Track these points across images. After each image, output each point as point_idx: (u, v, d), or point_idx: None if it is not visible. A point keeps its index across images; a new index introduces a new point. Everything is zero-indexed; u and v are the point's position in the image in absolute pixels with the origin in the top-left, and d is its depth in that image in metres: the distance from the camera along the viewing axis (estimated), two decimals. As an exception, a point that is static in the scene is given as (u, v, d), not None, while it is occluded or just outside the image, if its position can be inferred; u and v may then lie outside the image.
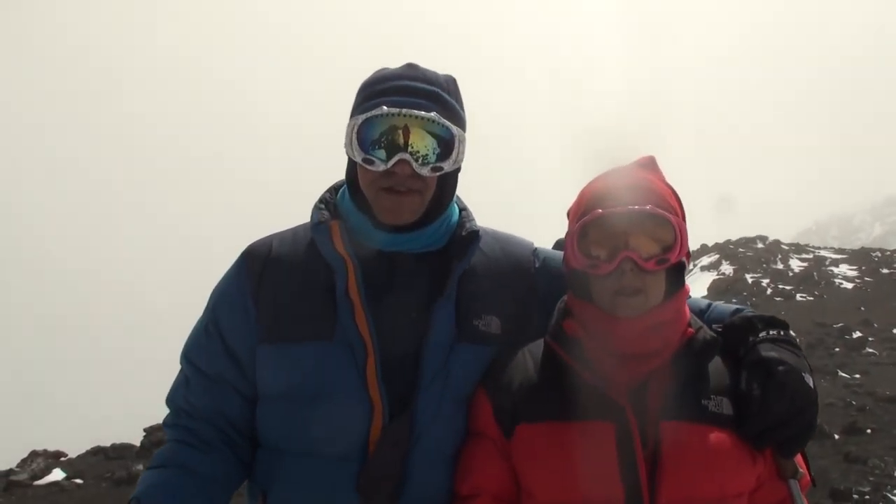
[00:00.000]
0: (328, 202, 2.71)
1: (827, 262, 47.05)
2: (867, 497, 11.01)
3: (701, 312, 2.67)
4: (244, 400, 2.61)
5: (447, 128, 2.47)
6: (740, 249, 51.76)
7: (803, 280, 41.15)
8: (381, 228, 2.55)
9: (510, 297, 2.69)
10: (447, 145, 2.48)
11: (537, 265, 2.80)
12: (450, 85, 2.60)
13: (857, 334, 27.28)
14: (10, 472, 15.30)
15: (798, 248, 53.88)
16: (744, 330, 2.47)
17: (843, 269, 44.84)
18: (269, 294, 2.58)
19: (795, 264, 46.73)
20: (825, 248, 55.81)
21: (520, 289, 2.73)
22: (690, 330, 2.44)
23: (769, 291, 39.14)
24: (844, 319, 29.34)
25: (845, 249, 55.21)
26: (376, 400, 2.41)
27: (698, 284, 41.96)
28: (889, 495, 11.08)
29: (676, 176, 2.60)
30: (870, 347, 25.48)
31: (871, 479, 11.71)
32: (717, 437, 2.28)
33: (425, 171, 2.44)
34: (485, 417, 2.46)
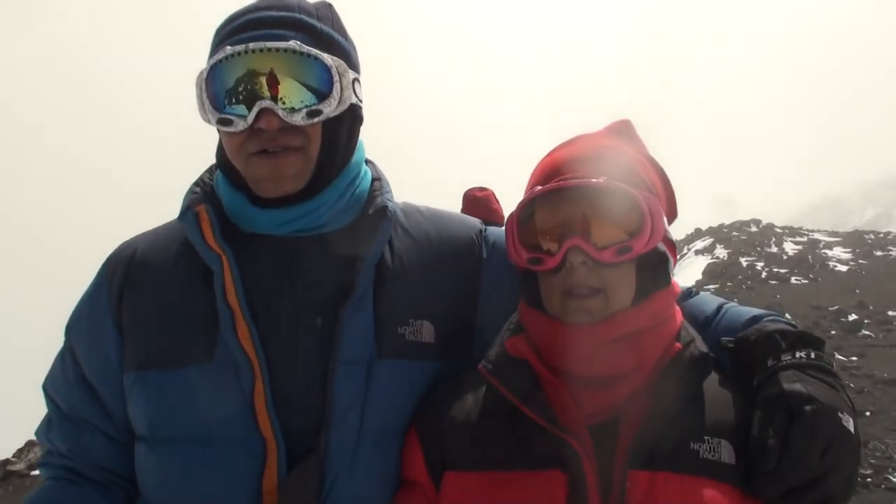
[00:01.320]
0: (205, 183, 2.14)
1: (821, 245, 47.17)
2: (869, 479, 10.96)
3: (707, 321, 2.01)
4: (113, 444, 2.07)
5: (318, 58, 1.88)
6: (734, 233, 51.87)
7: (798, 263, 41.15)
8: (259, 205, 1.99)
9: (447, 293, 2.11)
10: (324, 81, 1.90)
11: (486, 251, 2.19)
12: (320, 9, 2.01)
13: (852, 317, 27.29)
14: (6, 461, 15.23)
15: (792, 231, 53.95)
16: (761, 348, 1.81)
17: (837, 251, 44.96)
18: (134, 309, 2.03)
19: (790, 247, 46.76)
20: (819, 231, 55.90)
21: (461, 284, 2.14)
22: (677, 345, 1.84)
23: (764, 275, 39.13)
24: (840, 302, 29.40)
25: (839, 232, 55.48)
26: (269, 438, 1.84)
27: (692, 269, 42.10)
28: (891, 477, 11.04)
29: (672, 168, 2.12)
30: (866, 330, 25.49)
31: (871, 461, 11.65)
32: (710, 495, 1.68)
33: (299, 119, 1.86)
34: (416, 464, 1.93)
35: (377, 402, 1.94)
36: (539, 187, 1.88)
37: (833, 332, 25.11)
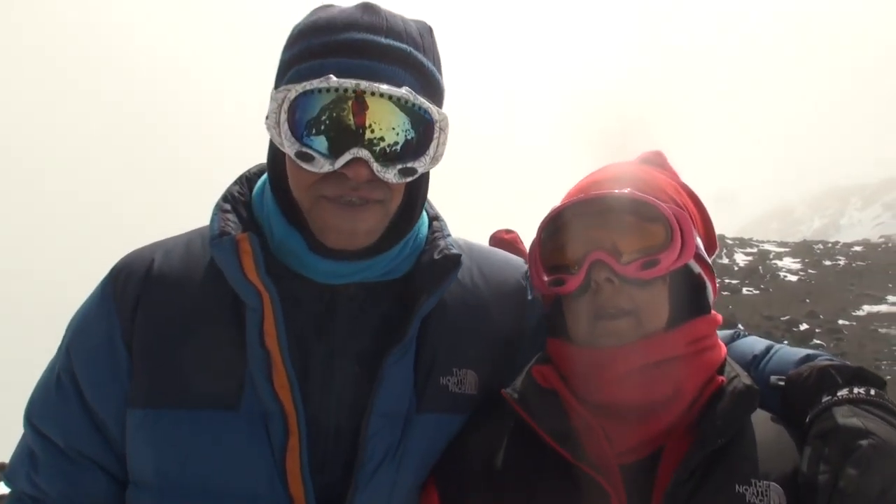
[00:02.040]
0: (238, 201, 1.85)
1: (771, 256, 47.94)
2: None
3: (755, 360, 1.83)
4: (115, 486, 1.82)
5: (425, 110, 1.65)
6: (686, 245, 52.26)
7: (749, 274, 41.81)
8: (320, 253, 1.75)
9: (493, 341, 1.91)
10: (423, 134, 1.67)
11: (531, 293, 2.00)
12: (424, 38, 1.75)
13: (803, 326, 27.78)
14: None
15: (742, 243, 54.71)
16: (815, 385, 1.64)
17: (787, 261, 45.79)
18: (148, 335, 1.77)
19: (740, 258, 47.43)
20: (768, 242, 56.81)
21: (506, 329, 1.94)
22: (720, 378, 1.67)
23: (716, 286, 39.59)
24: (791, 312, 29.89)
25: (788, 243, 56.42)
26: (298, 498, 1.67)
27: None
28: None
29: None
30: (817, 339, 25.96)
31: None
32: None
33: (391, 176, 1.62)
34: None
35: (412, 459, 1.75)
36: (559, 205, 1.75)
37: (785, 342, 25.26)
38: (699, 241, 1.74)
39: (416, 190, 1.78)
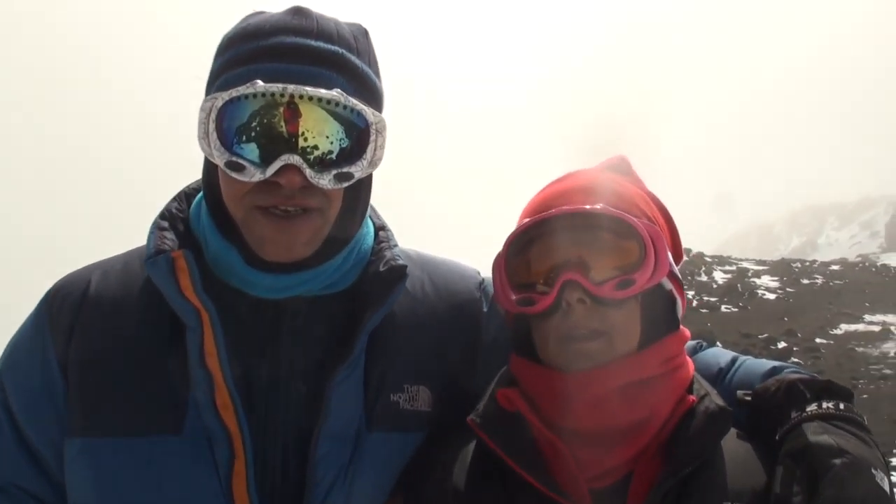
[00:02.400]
0: (176, 218, 1.78)
1: (749, 274, 48.29)
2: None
3: (720, 373, 1.78)
4: None
5: (359, 112, 1.59)
6: (665, 262, 52.67)
7: (727, 292, 42.07)
8: (256, 266, 1.68)
9: (446, 355, 1.85)
10: (359, 138, 1.61)
11: (486, 304, 1.94)
12: (359, 41, 1.70)
13: (781, 344, 27.98)
14: None
15: (721, 260, 55.09)
16: (783, 400, 1.60)
17: (766, 279, 46.13)
18: (84, 361, 1.69)
19: (719, 276, 47.71)
20: (747, 260, 57.29)
21: (461, 342, 1.88)
22: (691, 397, 1.63)
23: (695, 304, 39.78)
24: (769, 330, 30.11)
25: (766, 261, 56.89)
26: None
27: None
28: None
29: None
30: (794, 357, 26.12)
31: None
32: None
33: (326, 182, 1.56)
34: None
35: (364, 480, 1.69)
36: (528, 220, 1.68)
37: (763, 361, 25.73)
38: (669, 256, 1.69)
39: (356, 196, 1.72)
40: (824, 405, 1.55)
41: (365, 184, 1.73)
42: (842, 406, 1.55)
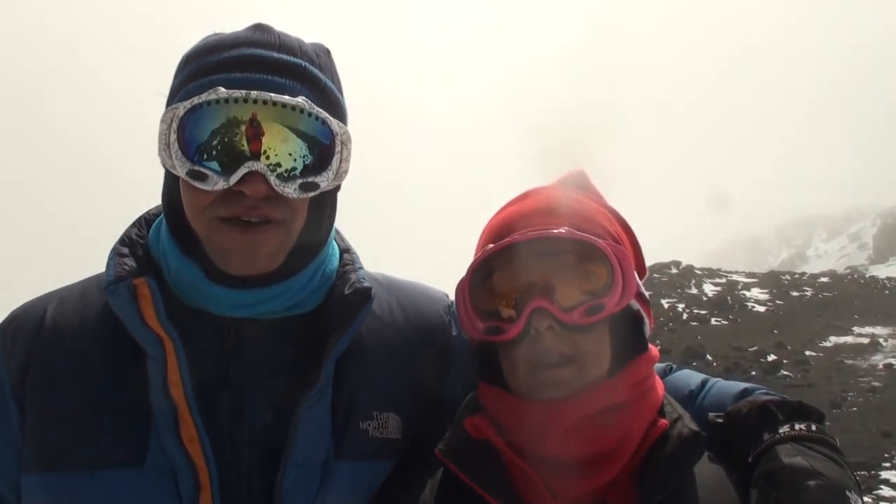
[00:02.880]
0: (135, 244, 1.72)
1: (739, 286, 48.41)
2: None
3: (691, 395, 1.77)
4: None
5: (323, 121, 1.58)
6: (655, 275, 52.72)
7: (717, 304, 42.17)
8: (218, 282, 1.64)
9: (416, 380, 1.81)
10: (323, 148, 1.60)
11: (455, 328, 1.89)
12: (321, 57, 1.70)
13: (771, 357, 28.02)
14: None
15: (711, 273, 55.25)
16: (755, 422, 1.58)
17: (755, 292, 46.23)
18: (40, 394, 1.64)
19: (709, 288, 47.84)
20: (737, 273, 57.44)
21: (430, 367, 1.84)
22: (663, 421, 1.60)
23: (685, 316, 39.90)
24: (759, 342, 30.14)
25: (756, 273, 57.07)
26: None
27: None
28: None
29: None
30: (784, 370, 26.19)
31: None
32: None
33: (290, 190, 1.54)
34: None
35: None
36: (491, 245, 1.63)
37: (753, 373, 25.65)
38: (635, 275, 1.68)
39: (321, 210, 1.69)
40: (797, 427, 1.53)
41: (330, 200, 1.72)
42: (814, 427, 1.54)
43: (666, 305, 42.65)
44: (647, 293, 1.75)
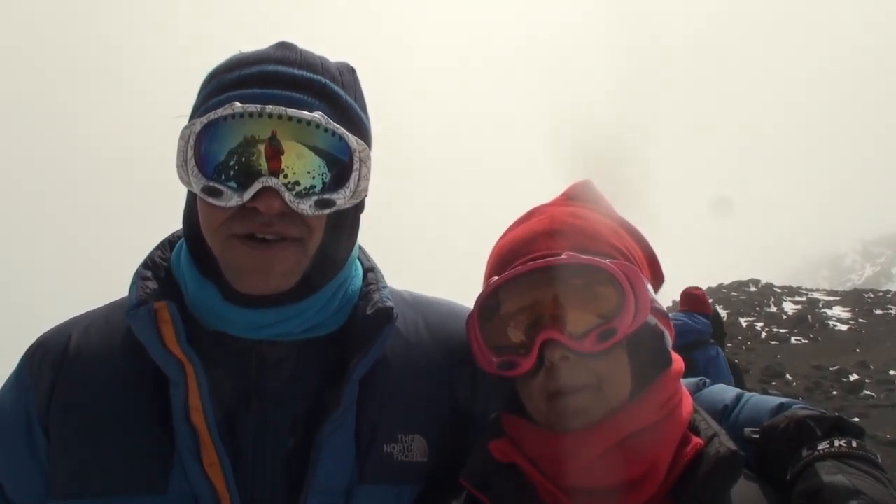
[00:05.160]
0: (159, 266, 1.73)
1: (820, 305, 47.09)
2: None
3: (726, 410, 1.69)
4: None
5: (342, 137, 1.56)
6: (733, 293, 51.80)
7: (797, 323, 41.09)
8: (236, 302, 1.63)
9: (443, 400, 1.77)
10: (342, 166, 1.58)
11: None
12: (344, 76, 1.68)
13: (853, 377, 27.27)
14: None
15: (791, 291, 53.87)
16: (793, 438, 1.52)
17: (837, 310, 44.95)
18: (64, 420, 1.64)
19: (789, 307, 46.70)
20: (818, 291, 55.90)
21: (457, 387, 1.79)
22: (697, 440, 1.54)
23: (764, 335, 39.04)
24: (841, 362, 29.36)
25: (838, 291, 55.56)
26: None
27: (693, 329, 42.07)
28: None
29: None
30: (867, 390, 25.48)
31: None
32: None
33: (306, 207, 1.53)
34: None
35: None
36: (495, 278, 1.62)
37: (835, 392, 25.06)
38: (650, 289, 1.65)
39: (339, 228, 1.67)
40: (836, 443, 1.47)
41: (350, 218, 1.70)
42: (854, 444, 1.48)
43: (744, 324, 41.81)
44: (664, 307, 1.71)
